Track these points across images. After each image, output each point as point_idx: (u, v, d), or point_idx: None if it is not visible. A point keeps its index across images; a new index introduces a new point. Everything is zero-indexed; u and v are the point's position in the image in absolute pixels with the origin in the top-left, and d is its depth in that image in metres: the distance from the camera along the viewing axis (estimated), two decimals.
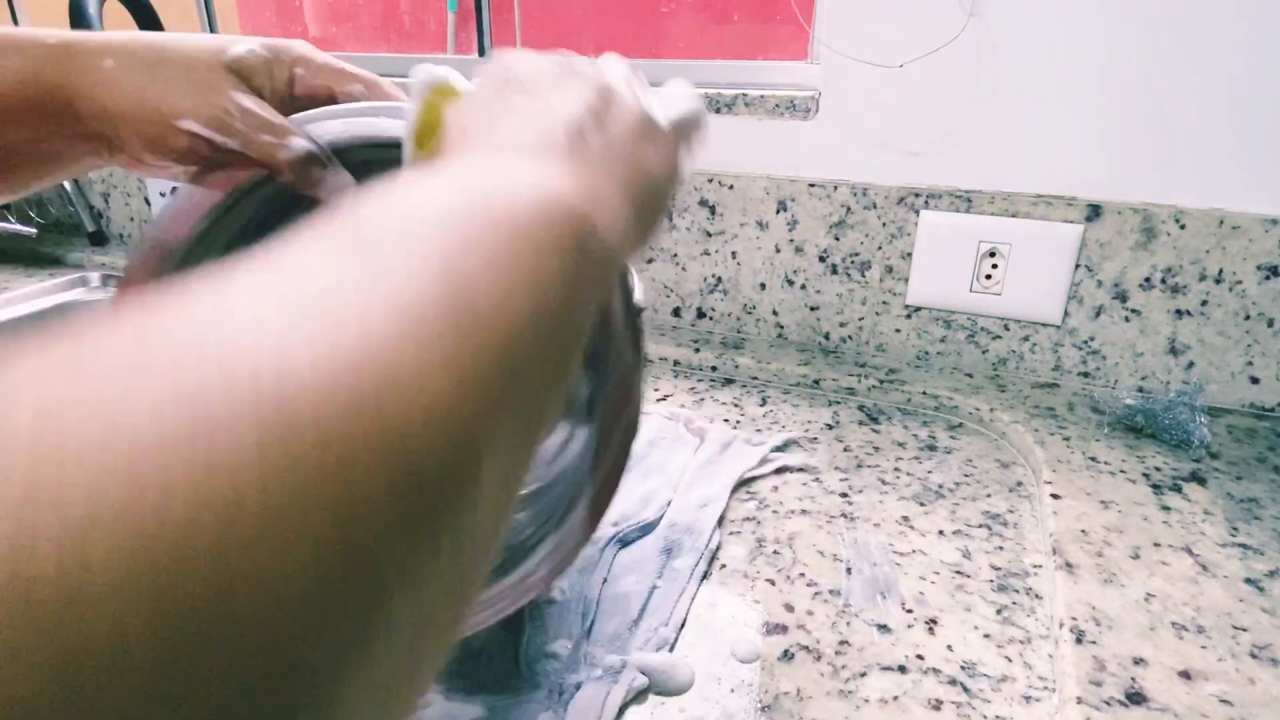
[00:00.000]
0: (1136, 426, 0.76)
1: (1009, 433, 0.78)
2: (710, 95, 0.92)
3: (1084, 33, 0.77)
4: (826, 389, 0.89)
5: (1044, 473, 0.70)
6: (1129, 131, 0.78)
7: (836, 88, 0.88)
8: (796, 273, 0.95)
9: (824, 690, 0.49)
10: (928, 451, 0.76)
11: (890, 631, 0.54)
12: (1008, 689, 0.49)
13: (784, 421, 0.82)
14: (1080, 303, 0.84)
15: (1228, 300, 0.79)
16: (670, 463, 0.72)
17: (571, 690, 0.48)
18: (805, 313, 0.97)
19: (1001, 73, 0.81)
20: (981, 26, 0.80)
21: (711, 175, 0.95)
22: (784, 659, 0.51)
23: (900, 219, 0.88)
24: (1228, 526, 0.62)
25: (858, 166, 0.89)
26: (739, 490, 0.70)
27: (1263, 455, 0.73)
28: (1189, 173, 0.78)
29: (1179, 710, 0.46)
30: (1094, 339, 0.85)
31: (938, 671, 0.50)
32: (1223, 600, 0.54)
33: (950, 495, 0.69)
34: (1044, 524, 0.64)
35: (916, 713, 0.47)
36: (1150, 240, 0.80)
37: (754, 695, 0.48)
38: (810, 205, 0.92)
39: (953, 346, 0.91)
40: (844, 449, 0.77)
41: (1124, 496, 0.66)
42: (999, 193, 0.84)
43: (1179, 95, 0.76)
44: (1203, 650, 0.50)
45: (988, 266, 0.86)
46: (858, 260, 0.92)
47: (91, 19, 0.65)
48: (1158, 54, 0.75)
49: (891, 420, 0.83)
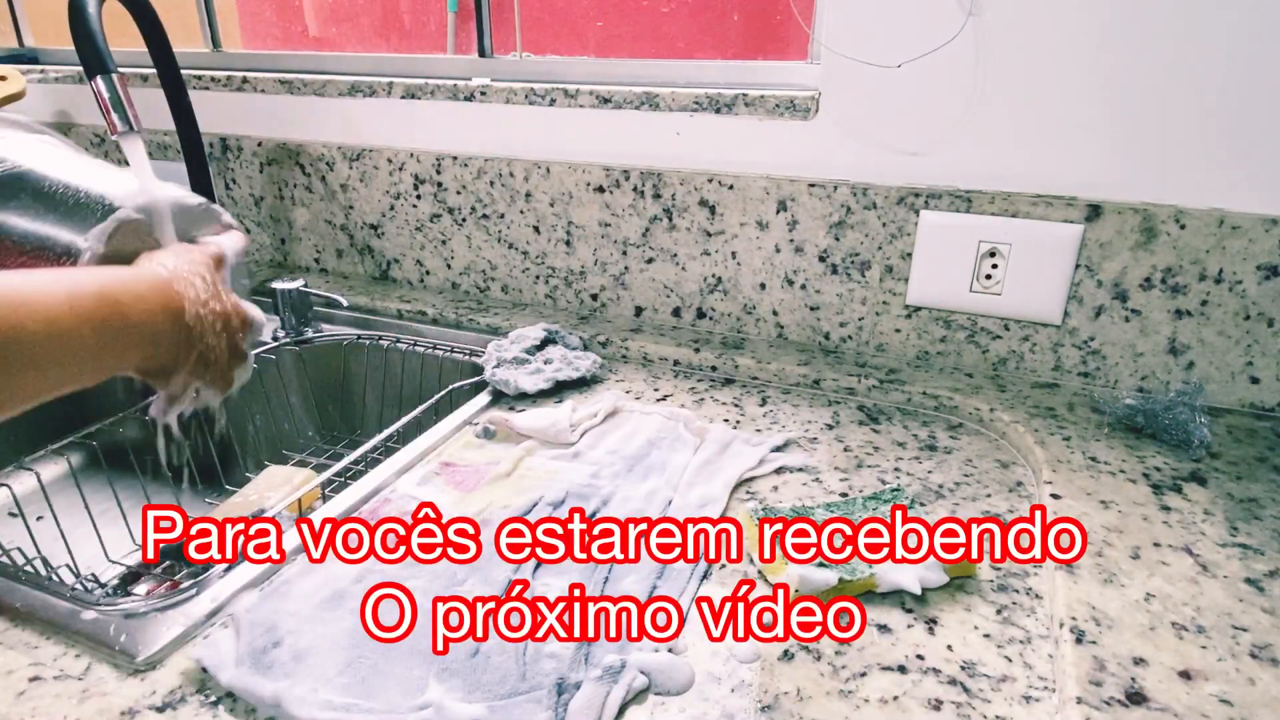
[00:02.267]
0: (1136, 426, 0.76)
1: (1009, 433, 0.78)
2: (710, 95, 0.92)
3: (1083, 32, 0.77)
4: (826, 389, 0.89)
5: (1044, 473, 0.70)
6: (1129, 131, 0.78)
7: (836, 88, 0.88)
8: (796, 273, 0.95)
9: (824, 690, 0.49)
10: (928, 451, 0.76)
11: (890, 631, 0.54)
12: (1008, 689, 0.49)
13: (784, 421, 0.82)
14: (1080, 303, 0.84)
15: (1228, 300, 0.79)
16: (670, 463, 0.73)
17: (571, 690, 0.48)
18: (805, 313, 0.97)
19: (1001, 72, 0.81)
20: (981, 26, 0.80)
21: (711, 175, 0.95)
22: (784, 659, 0.51)
23: (900, 219, 0.88)
24: (1228, 526, 0.62)
25: (858, 166, 0.89)
26: (739, 490, 0.70)
27: (1263, 455, 0.73)
28: (1189, 173, 0.78)
29: (1179, 710, 0.46)
30: (1094, 339, 0.85)
31: (938, 671, 0.50)
32: (1223, 600, 0.54)
33: (950, 495, 0.69)
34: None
35: (916, 713, 0.47)
36: (1150, 240, 0.80)
37: (754, 695, 0.48)
38: (810, 205, 0.92)
39: (953, 346, 0.91)
40: (844, 449, 0.77)
41: (1124, 496, 0.66)
42: (999, 193, 0.84)
43: (1179, 95, 0.76)
44: (1203, 650, 0.50)
45: (988, 266, 0.86)
46: (858, 260, 0.92)
47: (91, 19, 0.64)
48: (1158, 54, 0.75)
49: (891, 420, 0.83)
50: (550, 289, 1.10)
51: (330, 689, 0.48)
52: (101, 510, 0.81)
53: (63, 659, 0.52)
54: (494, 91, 1.02)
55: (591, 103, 0.98)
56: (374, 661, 0.50)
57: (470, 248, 1.12)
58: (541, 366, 0.89)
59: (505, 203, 1.07)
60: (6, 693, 0.49)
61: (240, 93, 1.19)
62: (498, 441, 0.78)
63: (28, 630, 0.54)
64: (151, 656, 0.51)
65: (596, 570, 0.58)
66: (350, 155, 1.15)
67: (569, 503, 0.67)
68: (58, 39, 1.46)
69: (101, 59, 0.64)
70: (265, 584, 0.58)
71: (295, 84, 1.14)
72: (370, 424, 1.07)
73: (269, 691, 0.47)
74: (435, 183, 1.10)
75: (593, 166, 1.00)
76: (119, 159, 1.34)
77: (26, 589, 0.57)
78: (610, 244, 1.03)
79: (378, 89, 1.09)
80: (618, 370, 0.94)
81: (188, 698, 0.48)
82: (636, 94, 0.95)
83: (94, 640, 0.52)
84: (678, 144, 0.96)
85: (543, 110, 1.01)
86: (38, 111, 1.37)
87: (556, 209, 1.04)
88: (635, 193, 0.99)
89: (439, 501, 0.67)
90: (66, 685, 0.49)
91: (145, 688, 0.49)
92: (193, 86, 1.19)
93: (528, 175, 1.04)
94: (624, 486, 0.69)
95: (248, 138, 1.21)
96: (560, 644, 0.51)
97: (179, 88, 0.89)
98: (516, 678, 0.49)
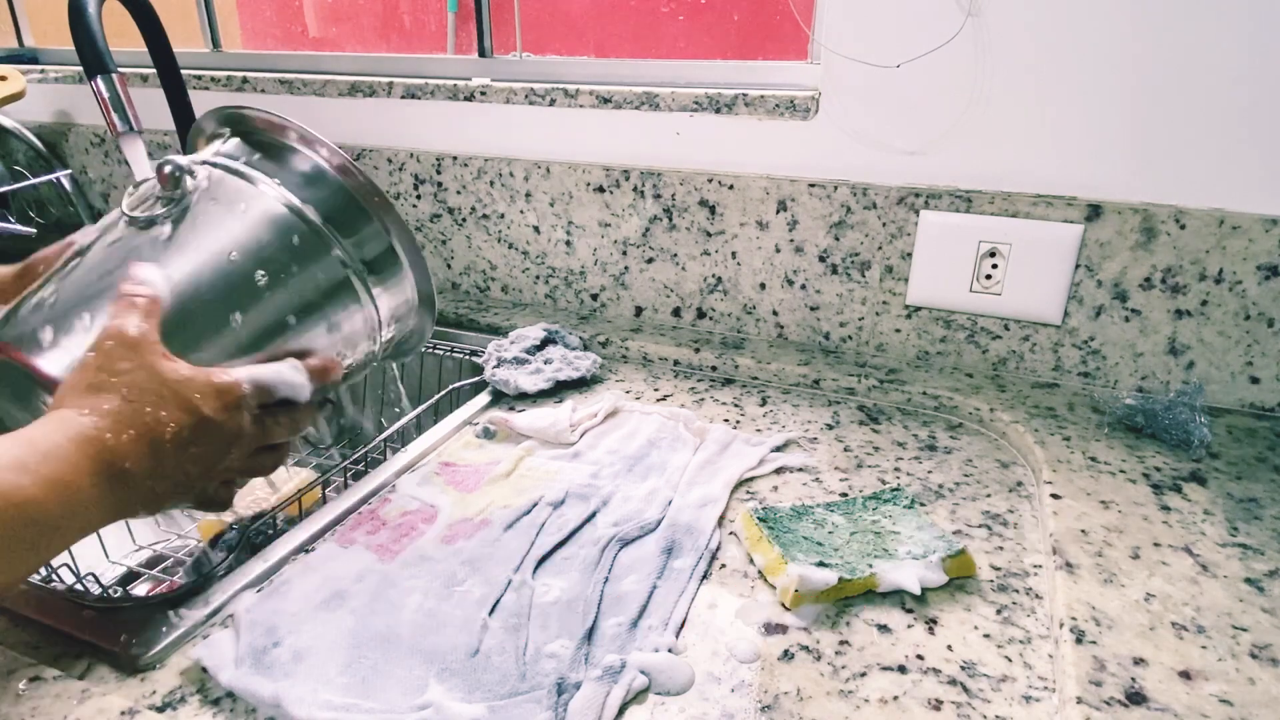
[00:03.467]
0: (1136, 426, 0.76)
1: (1009, 433, 0.78)
2: (710, 95, 0.92)
3: (1083, 32, 0.77)
4: (826, 389, 0.89)
5: (1044, 473, 0.70)
6: (1129, 131, 0.78)
7: (836, 88, 0.88)
8: (796, 273, 0.95)
9: (824, 690, 0.49)
10: (928, 451, 0.76)
11: (890, 631, 0.54)
12: (1008, 689, 0.49)
13: (784, 421, 0.82)
14: (1080, 303, 0.84)
15: (1228, 300, 0.79)
16: (670, 463, 0.73)
17: (571, 690, 0.48)
18: (805, 313, 0.97)
19: (1001, 72, 0.81)
20: (980, 26, 0.80)
21: (711, 175, 0.95)
22: (784, 659, 0.51)
23: (900, 219, 0.88)
24: (1228, 526, 0.62)
25: (858, 166, 0.89)
26: (739, 490, 0.70)
27: (1263, 455, 0.73)
28: (1189, 173, 0.78)
29: (1179, 710, 0.46)
30: (1094, 339, 0.85)
31: (938, 671, 0.50)
32: (1223, 600, 0.54)
33: (950, 495, 0.69)
34: (1044, 524, 0.64)
35: (916, 713, 0.47)
36: (1150, 240, 0.80)
37: (754, 695, 0.48)
38: (810, 205, 0.92)
39: (953, 346, 0.91)
40: (844, 449, 0.77)
41: (1124, 496, 0.66)
42: (999, 193, 0.84)
43: (1179, 95, 0.76)
44: (1203, 650, 0.50)
45: (988, 266, 0.86)
46: (858, 260, 0.92)
47: (91, 19, 0.64)
48: (1158, 54, 0.75)
49: (891, 420, 0.83)
50: (550, 289, 1.10)
51: (330, 689, 0.48)
52: None
53: (62, 659, 0.52)
54: (494, 91, 1.02)
55: (591, 103, 0.98)
56: (374, 661, 0.50)
57: (470, 248, 1.12)
58: (541, 366, 0.89)
59: (505, 203, 1.07)
60: (6, 693, 0.49)
61: (240, 93, 1.19)
62: (498, 441, 0.78)
63: (27, 630, 0.54)
64: (151, 656, 0.51)
65: (597, 570, 0.58)
66: (350, 155, 1.14)
67: (569, 503, 0.67)
68: (58, 39, 1.46)
69: (101, 59, 0.64)
70: (265, 584, 0.58)
71: (295, 84, 1.14)
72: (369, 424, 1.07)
73: (269, 691, 0.47)
74: (435, 183, 1.10)
75: (593, 166, 1.00)
76: (119, 159, 1.35)
77: (26, 589, 0.57)
78: (610, 244, 1.03)
79: (378, 89, 1.09)
80: (618, 370, 0.94)
81: (187, 698, 0.48)
82: (636, 94, 0.95)
83: (94, 640, 0.52)
84: (678, 144, 0.96)
85: (543, 110, 1.01)
86: (38, 112, 1.37)
87: (556, 209, 1.04)
88: (635, 193, 0.99)
89: (439, 502, 0.67)
90: (66, 685, 0.49)
91: (145, 688, 0.49)
92: (193, 86, 1.19)
93: (528, 175, 1.04)
94: (624, 486, 0.69)
95: None
96: (560, 644, 0.51)
97: (179, 88, 0.89)
98: (516, 678, 0.49)
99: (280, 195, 0.50)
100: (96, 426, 0.38)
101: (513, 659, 0.50)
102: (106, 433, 0.38)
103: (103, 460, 0.38)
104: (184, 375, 0.41)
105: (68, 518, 0.37)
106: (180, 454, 0.41)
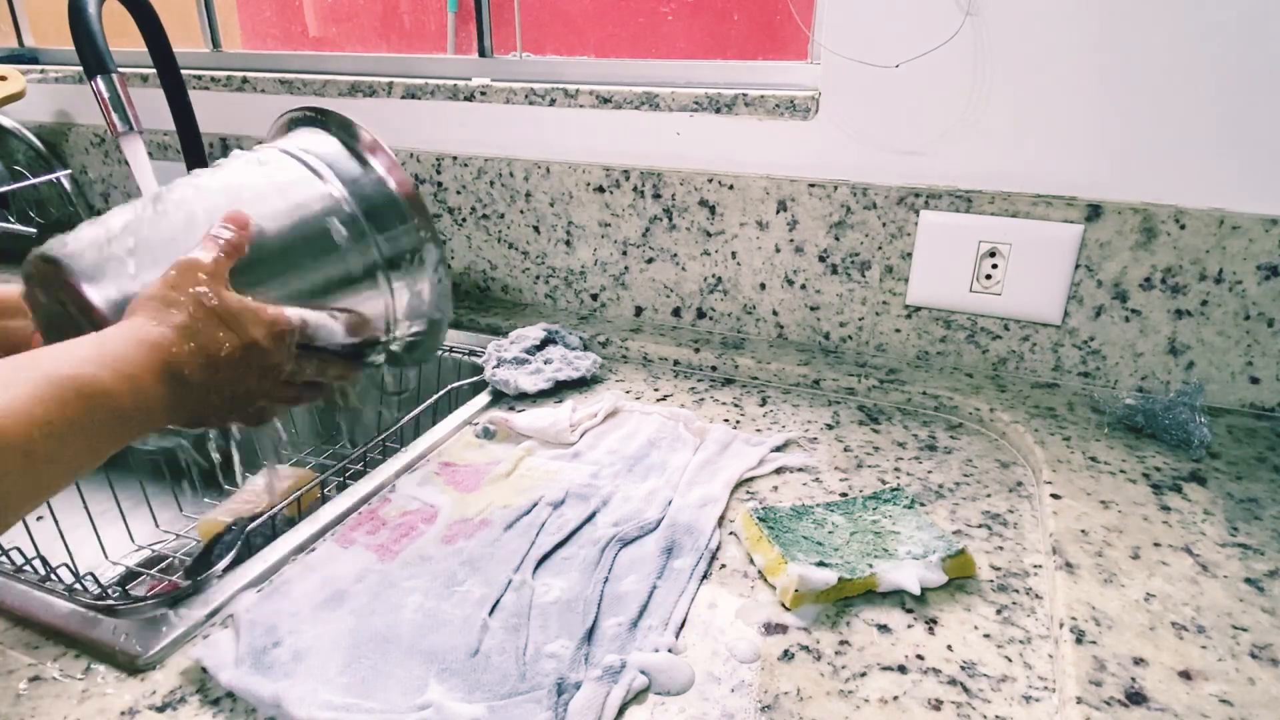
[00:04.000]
0: (1136, 426, 0.76)
1: (1009, 433, 0.78)
2: (710, 95, 0.92)
3: (1083, 32, 0.77)
4: (826, 389, 0.89)
5: (1044, 473, 0.70)
6: (1129, 131, 0.78)
7: (836, 88, 0.88)
8: (796, 273, 0.95)
9: (824, 690, 0.49)
10: (928, 451, 0.76)
11: (890, 631, 0.54)
12: (1008, 689, 0.49)
13: (784, 421, 0.82)
14: (1080, 303, 0.84)
15: (1228, 300, 0.79)
16: (670, 463, 0.73)
17: (571, 690, 0.48)
18: (805, 313, 0.97)
19: (1000, 72, 0.81)
20: (979, 26, 0.80)
21: (711, 175, 0.95)
22: (784, 659, 0.51)
23: (900, 219, 0.88)
24: (1228, 526, 0.62)
25: (857, 166, 0.89)
26: (739, 490, 0.70)
27: (1263, 455, 0.73)
28: (1189, 173, 0.78)
29: (1179, 710, 0.46)
30: (1094, 339, 0.85)
31: (938, 671, 0.50)
32: (1223, 600, 0.54)
33: (950, 495, 0.69)
34: (1044, 524, 0.64)
35: (916, 713, 0.47)
36: (1150, 240, 0.80)
37: (754, 695, 0.48)
38: (810, 205, 0.92)
39: (953, 346, 0.91)
40: (844, 449, 0.77)
41: (1124, 496, 0.66)
42: (999, 193, 0.84)
43: (1179, 95, 0.76)
44: (1203, 650, 0.50)
45: (988, 266, 0.86)
46: (858, 260, 0.92)
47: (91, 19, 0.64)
48: (1157, 54, 0.75)
49: (891, 420, 0.83)
50: (550, 289, 1.10)
51: (330, 689, 0.48)
52: (101, 510, 0.81)
53: (62, 659, 0.52)
54: (494, 91, 1.02)
55: (591, 103, 0.98)
56: (374, 661, 0.50)
57: (470, 248, 1.12)
58: (541, 366, 0.89)
59: (505, 203, 1.07)
60: (6, 693, 0.49)
61: (240, 93, 1.19)
62: (498, 441, 0.78)
63: (27, 630, 0.54)
64: (151, 656, 0.51)
65: (597, 570, 0.58)
66: None
67: (569, 503, 0.67)
68: (58, 39, 1.46)
69: (101, 59, 0.64)
70: (265, 584, 0.58)
71: (295, 84, 1.14)
72: (369, 424, 1.07)
73: (269, 691, 0.47)
74: (435, 183, 1.10)
75: (593, 166, 1.00)
76: (119, 159, 1.34)
77: (26, 589, 0.57)
78: (610, 244, 1.03)
79: (378, 89, 1.09)
80: (618, 370, 0.94)
81: (187, 698, 0.48)
82: (636, 94, 0.95)
83: (93, 640, 0.52)
84: (678, 144, 0.96)
85: (543, 110, 1.01)
86: (38, 112, 1.37)
87: (556, 209, 1.04)
88: (635, 193, 0.99)
89: (439, 502, 0.67)
90: (66, 685, 0.49)
91: (145, 688, 0.49)
92: (193, 86, 1.19)
93: (528, 175, 1.04)
94: (624, 486, 0.69)
95: (248, 138, 1.21)
96: (560, 644, 0.51)
97: (179, 88, 0.89)
98: (516, 678, 0.49)
99: (350, 203, 0.57)
100: (164, 336, 0.44)
101: (513, 659, 0.50)
102: (172, 344, 0.44)
103: (167, 365, 0.44)
104: (243, 305, 0.48)
105: (136, 410, 0.42)
106: (231, 371, 0.47)
